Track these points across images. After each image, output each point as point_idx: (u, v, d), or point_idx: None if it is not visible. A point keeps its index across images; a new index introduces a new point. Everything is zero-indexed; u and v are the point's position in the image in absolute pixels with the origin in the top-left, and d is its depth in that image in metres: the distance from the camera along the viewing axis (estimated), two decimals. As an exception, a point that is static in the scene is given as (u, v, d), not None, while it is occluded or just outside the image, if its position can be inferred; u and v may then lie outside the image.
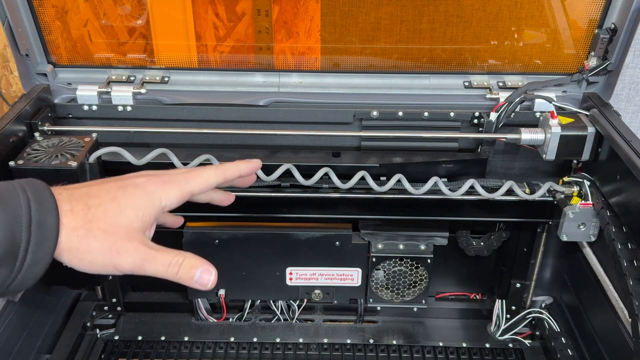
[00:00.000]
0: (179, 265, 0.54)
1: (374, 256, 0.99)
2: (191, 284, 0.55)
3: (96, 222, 0.51)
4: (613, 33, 0.91)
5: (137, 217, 0.54)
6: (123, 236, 0.52)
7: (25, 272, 0.49)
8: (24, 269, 0.49)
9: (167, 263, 0.54)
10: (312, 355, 1.04)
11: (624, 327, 0.83)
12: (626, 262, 0.77)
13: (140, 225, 0.54)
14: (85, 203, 0.52)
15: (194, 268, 0.55)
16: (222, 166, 0.63)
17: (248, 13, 0.95)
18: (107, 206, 0.52)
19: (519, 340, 1.07)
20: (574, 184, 0.90)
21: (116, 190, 0.54)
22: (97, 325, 1.07)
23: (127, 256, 0.52)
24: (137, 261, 0.53)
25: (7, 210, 0.48)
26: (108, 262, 0.52)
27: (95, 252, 0.51)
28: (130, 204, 0.54)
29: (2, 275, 0.48)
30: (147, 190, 0.55)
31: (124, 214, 0.53)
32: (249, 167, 0.65)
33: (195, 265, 0.55)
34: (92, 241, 0.51)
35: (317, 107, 0.96)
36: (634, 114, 1.31)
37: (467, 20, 0.93)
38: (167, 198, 0.56)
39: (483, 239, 1.03)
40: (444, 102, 0.97)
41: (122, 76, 0.98)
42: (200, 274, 0.55)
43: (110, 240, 0.52)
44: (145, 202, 0.55)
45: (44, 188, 0.51)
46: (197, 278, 0.55)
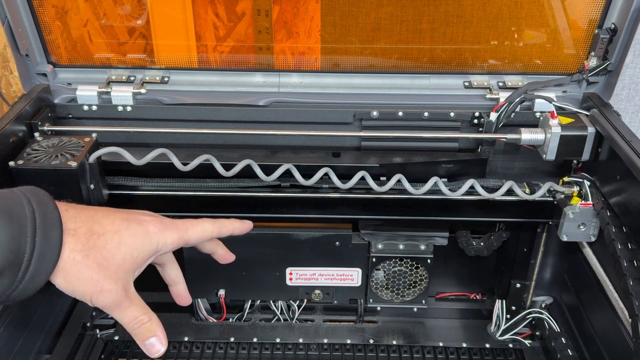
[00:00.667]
0: (141, 324, 0.56)
1: (374, 256, 0.99)
2: (140, 345, 0.58)
3: (95, 251, 0.52)
4: (613, 33, 0.91)
5: (132, 257, 0.55)
6: (112, 275, 0.53)
7: (27, 282, 0.49)
8: (26, 279, 0.49)
9: (133, 317, 0.56)
10: (312, 355, 1.04)
11: (624, 327, 0.83)
12: (626, 262, 0.77)
13: (131, 266, 0.55)
14: (89, 228, 0.53)
15: (150, 332, 0.57)
16: (219, 221, 0.65)
17: (248, 13, 0.95)
18: (109, 238, 0.53)
19: (519, 340, 1.07)
20: (574, 184, 0.90)
21: (120, 223, 0.55)
22: (97, 325, 1.07)
23: (106, 296, 0.53)
24: (111, 304, 0.54)
25: (14, 221, 0.48)
26: (87, 294, 0.53)
27: (82, 281, 0.52)
28: (130, 242, 0.55)
29: (4, 284, 0.48)
30: (148, 231, 0.56)
31: (120, 251, 0.54)
32: (242, 227, 0.68)
33: (153, 330, 0.57)
34: (84, 269, 0.52)
35: (317, 107, 0.96)
36: (634, 114, 1.31)
37: (467, 20, 0.93)
38: (164, 243, 0.58)
39: (483, 239, 1.03)
40: (444, 102, 0.97)
41: (122, 76, 0.98)
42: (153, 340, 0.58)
43: (100, 275, 0.52)
44: (143, 244, 0.56)
45: (48, 200, 0.51)
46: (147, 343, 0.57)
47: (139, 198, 0.92)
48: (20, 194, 0.51)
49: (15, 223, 0.48)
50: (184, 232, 0.60)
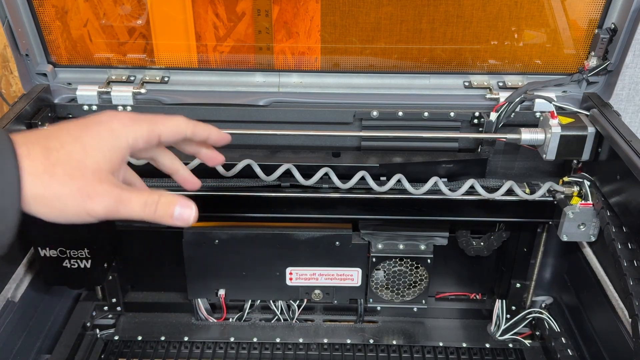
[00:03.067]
0: (155, 203, 0.50)
1: (374, 256, 0.99)
2: (171, 222, 0.51)
3: (60, 165, 0.47)
4: (613, 33, 0.91)
5: (104, 157, 0.49)
6: (92, 179, 0.48)
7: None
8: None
9: (142, 203, 0.50)
10: (312, 355, 1.04)
11: (624, 327, 0.83)
12: (626, 262, 0.77)
13: (108, 167, 0.50)
14: (43, 146, 0.47)
15: (172, 204, 0.51)
16: (194, 121, 0.60)
17: (248, 13, 0.95)
18: (70, 147, 0.48)
19: (519, 340, 1.07)
20: (574, 184, 0.90)
21: (78, 130, 0.49)
22: (97, 325, 1.07)
23: (99, 200, 0.48)
24: (111, 204, 0.49)
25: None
26: (80, 209, 0.48)
27: (64, 198, 0.47)
28: (96, 144, 0.49)
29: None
30: (112, 128, 0.51)
31: (89, 155, 0.48)
32: (220, 135, 0.63)
33: (172, 201, 0.51)
34: (58, 187, 0.47)
35: (317, 107, 0.96)
36: (634, 114, 1.31)
37: (467, 20, 0.93)
38: (134, 136, 0.52)
39: (483, 239, 1.03)
40: (444, 102, 0.97)
41: (122, 76, 0.98)
42: (179, 210, 0.51)
43: (79, 185, 0.47)
44: (111, 141, 0.50)
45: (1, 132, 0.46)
46: (177, 214, 0.51)
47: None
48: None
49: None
50: (154, 124, 0.54)
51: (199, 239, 0.99)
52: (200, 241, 0.99)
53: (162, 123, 0.55)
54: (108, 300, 1.08)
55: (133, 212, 0.50)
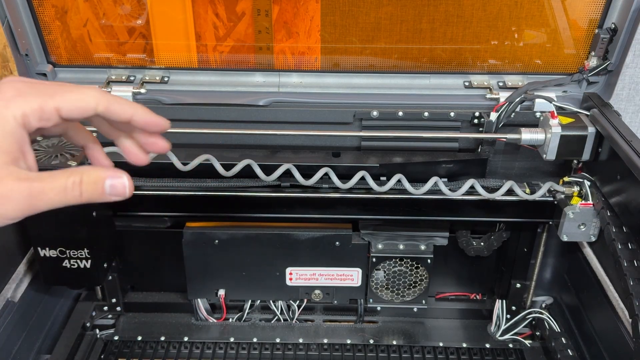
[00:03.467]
0: (78, 185, 0.43)
1: (374, 256, 0.99)
2: (105, 199, 0.44)
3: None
4: (613, 33, 0.91)
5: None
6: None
7: None
8: None
9: (61, 189, 0.42)
10: (312, 355, 1.04)
11: (624, 327, 0.83)
12: (626, 262, 0.77)
13: (4, 159, 0.41)
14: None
15: (99, 181, 0.44)
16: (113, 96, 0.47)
17: (248, 13, 0.95)
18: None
19: (519, 340, 1.07)
20: (574, 184, 0.90)
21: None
22: (96, 326, 1.07)
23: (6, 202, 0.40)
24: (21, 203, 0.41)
25: None
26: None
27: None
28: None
29: None
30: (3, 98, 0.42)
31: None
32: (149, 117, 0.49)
33: (99, 177, 0.44)
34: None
35: (317, 107, 0.96)
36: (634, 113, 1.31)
37: (467, 20, 0.93)
38: (22, 114, 0.42)
39: (483, 239, 1.03)
40: (444, 102, 0.97)
41: (122, 76, 0.98)
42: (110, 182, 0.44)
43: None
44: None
45: None
46: (109, 191, 0.44)
47: (139, 198, 0.92)
48: None
49: None
50: (50, 97, 0.43)
51: (199, 239, 0.99)
52: (200, 241, 0.99)
53: (60, 95, 0.44)
54: (108, 300, 1.08)
55: (52, 203, 0.42)
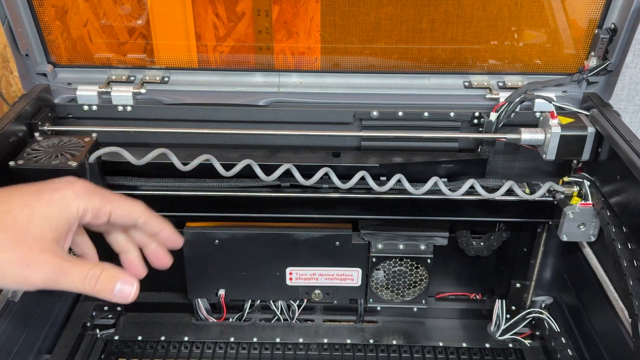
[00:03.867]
0: (96, 278, 0.50)
1: (374, 256, 0.99)
2: (110, 298, 0.51)
3: (4, 230, 0.47)
4: (613, 33, 0.91)
5: (50, 226, 0.49)
6: (34, 247, 0.47)
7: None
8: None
9: (83, 276, 0.49)
10: (312, 355, 1.04)
11: (624, 327, 0.83)
12: (626, 262, 0.77)
13: (53, 236, 0.49)
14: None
15: (112, 280, 0.51)
16: (151, 211, 0.58)
17: (248, 13, 0.95)
18: (17, 213, 0.48)
19: (519, 340, 1.07)
20: (574, 184, 0.90)
21: (29, 195, 0.49)
22: (97, 325, 1.07)
23: (38, 269, 0.47)
24: (49, 274, 0.48)
25: None
26: (18, 276, 0.47)
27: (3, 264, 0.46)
28: (44, 213, 0.49)
29: None
30: (64, 197, 0.50)
31: (35, 224, 0.48)
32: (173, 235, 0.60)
33: (114, 276, 0.51)
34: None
35: (317, 107, 0.96)
36: (634, 114, 1.31)
37: (467, 20, 0.93)
38: (84, 208, 0.51)
39: (483, 239, 1.03)
40: (444, 102, 0.97)
41: (122, 76, 0.98)
42: (120, 286, 0.51)
43: (19, 252, 0.47)
44: (59, 210, 0.50)
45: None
46: (116, 291, 0.51)
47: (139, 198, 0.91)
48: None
49: None
50: (109, 202, 0.53)
51: (199, 239, 0.99)
52: (200, 241, 0.99)
53: (117, 202, 0.54)
54: (108, 300, 1.08)
55: (72, 285, 0.49)
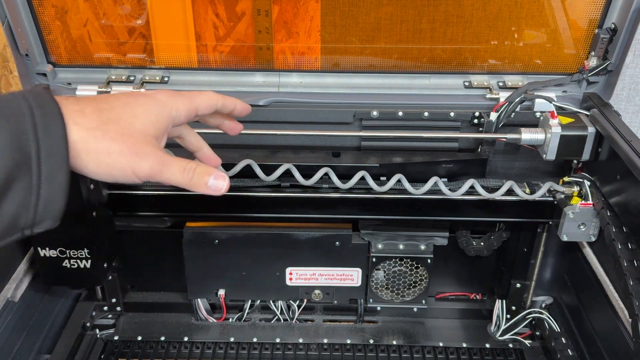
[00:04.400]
0: (192, 170, 0.54)
1: (374, 256, 0.99)
2: (204, 190, 0.55)
3: (112, 124, 0.50)
4: (613, 33, 0.91)
5: (151, 122, 0.53)
6: (141, 139, 0.51)
7: (46, 183, 0.46)
8: (43, 180, 0.46)
9: (182, 168, 0.53)
10: (312, 355, 1.04)
11: (624, 327, 0.83)
12: (626, 262, 0.77)
13: (154, 132, 0.53)
14: (95, 106, 0.50)
15: (206, 174, 0.55)
16: (223, 95, 0.64)
17: (248, 13, 0.95)
18: (120, 110, 0.51)
19: (519, 340, 1.07)
20: (574, 184, 0.90)
21: (127, 97, 0.53)
22: (97, 326, 1.07)
23: (147, 159, 0.51)
24: (155, 165, 0.51)
25: (10, 120, 0.45)
26: (127, 166, 0.50)
27: (115, 154, 0.49)
28: (144, 110, 0.53)
29: (21, 189, 0.45)
30: (157, 99, 0.55)
31: (138, 119, 0.52)
32: (243, 105, 0.67)
33: (208, 171, 0.55)
34: (110, 143, 0.49)
35: (317, 107, 0.96)
36: (634, 114, 1.31)
37: (467, 20, 0.93)
38: (177, 109, 0.56)
39: (483, 239, 1.03)
40: (444, 102, 0.97)
41: (122, 76, 0.98)
42: (213, 179, 0.55)
43: (129, 143, 0.50)
44: (157, 109, 0.54)
45: (45, 93, 0.48)
46: (210, 184, 0.55)
47: (139, 198, 0.92)
48: (18, 93, 0.48)
49: (12, 122, 0.45)
50: (192, 99, 0.59)
51: (199, 239, 0.99)
52: (200, 241, 0.99)
53: (198, 97, 0.59)
54: (108, 300, 1.08)
55: (173, 176, 0.53)
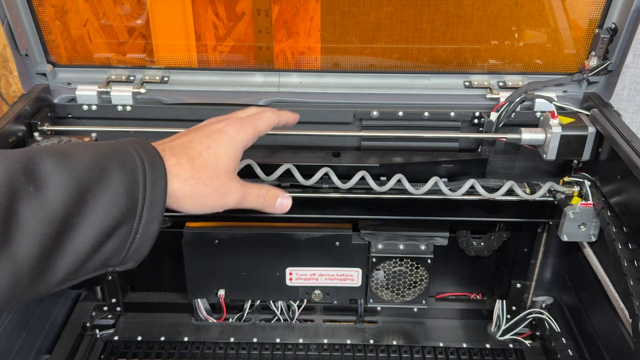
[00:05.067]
0: (264, 196, 0.66)
1: (374, 256, 0.99)
2: (272, 211, 0.67)
3: (202, 171, 0.59)
4: (613, 33, 0.91)
5: (230, 160, 0.62)
6: (225, 179, 0.61)
7: (142, 230, 0.53)
8: (141, 227, 0.53)
9: (257, 196, 0.65)
10: (312, 355, 1.04)
11: (624, 327, 0.83)
12: (627, 262, 0.77)
13: (233, 168, 0.63)
14: (187, 155, 0.59)
15: (274, 197, 0.67)
16: (277, 111, 0.72)
17: (248, 13, 0.95)
18: (206, 155, 0.60)
19: (520, 340, 1.06)
20: (575, 184, 0.90)
21: (207, 139, 0.62)
22: (96, 326, 1.07)
23: (231, 195, 0.61)
24: (238, 198, 0.62)
25: (128, 173, 0.52)
26: (217, 204, 0.61)
27: (207, 197, 0.60)
28: (223, 151, 0.62)
29: (124, 233, 0.52)
30: (230, 135, 0.63)
31: (220, 160, 0.61)
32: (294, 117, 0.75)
33: (275, 194, 0.67)
34: (203, 188, 0.59)
35: (317, 107, 0.96)
36: (634, 113, 1.31)
37: (467, 20, 0.93)
38: (245, 140, 0.65)
39: (483, 239, 1.03)
40: (444, 102, 0.97)
41: (122, 76, 0.98)
42: (280, 200, 0.67)
43: (217, 185, 0.60)
44: (232, 147, 0.63)
45: (154, 150, 0.56)
46: (277, 204, 0.67)
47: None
48: (130, 147, 0.55)
49: (129, 174, 0.53)
50: (256, 125, 0.67)
51: (199, 239, 0.98)
52: (200, 241, 0.99)
53: (260, 122, 0.68)
54: (108, 300, 1.08)
55: (250, 203, 0.64)
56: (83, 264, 0.51)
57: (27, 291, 0.47)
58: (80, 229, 0.49)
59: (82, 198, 0.49)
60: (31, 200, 0.46)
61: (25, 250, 0.46)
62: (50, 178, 0.48)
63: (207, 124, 0.66)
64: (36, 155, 0.49)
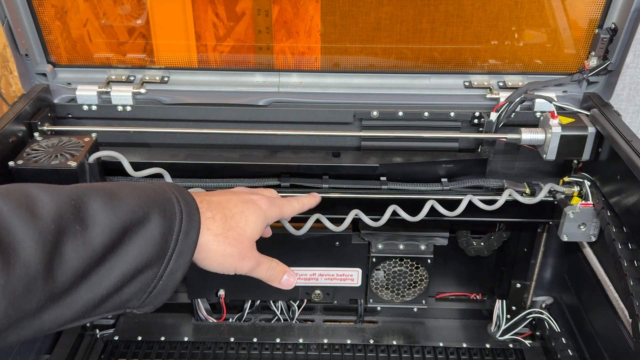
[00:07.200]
0: (274, 269, 0.68)
1: (374, 256, 0.99)
2: (278, 285, 0.69)
3: (232, 231, 0.62)
4: (613, 33, 0.91)
5: (256, 229, 0.65)
6: (248, 245, 0.64)
7: (166, 277, 0.54)
8: (166, 274, 0.54)
9: (267, 267, 0.67)
10: (312, 355, 1.04)
11: (624, 327, 0.83)
12: (626, 262, 0.77)
13: (256, 236, 0.66)
14: (222, 213, 0.62)
15: (282, 273, 0.69)
16: (301, 201, 0.77)
17: (248, 13, 0.95)
18: (239, 218, 0.64)
19: (519, 340, 1.06)
20: (575, 184, 0.90)
21: (242, 205, 0.65)
22: (96, 326, 1.07)
23: (247, 261, 0.64)
24: (253, 265, 0.65)
25: (167, 220, 0.54)
26: (233, 266, 0.63)
27: (228, 256, 0.62)
28: (253, 219, 0.65)
29: (148, 277, 0.53)
30: (262, 208, 0.67)
31: (249, 227, 0.64)
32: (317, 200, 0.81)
33: (283, 270, 0.69)
34: (227, 247, 0.61)
35: (317, 107, 0.96)
36: (634, 114, 1.31)
37: (467, 20, 0.93)
38: (272, 217, 0.69)
39: (483, 239, 1.03)
40: (444, 102, 0.97)
41: (122, 76, 0.98)
42: (286, 277, 0.69)
43: (240, 248, 0.63)
44: (261, 218, 0.66)
45: (193, 201, 0.58)
46: (283, 280, 0.69)
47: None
48: (170, 192, 0.57)
49: (167, 221, 0.54)
50: (282, 208, 0.71)
51: (199, 239, 0.98)
52: (200, 241, 0.98)
53: (287, 208, 0.73)
54: (108, 300, 1.08)
55: (260, 273, 0.67)
56: (103, 302, 0.52)
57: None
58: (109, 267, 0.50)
59: (120, 239, 0.51)
60: (76, 239, 0.48)
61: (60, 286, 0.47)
62: (97, 218, 0.50)
63: (240, 192, 0.70)
64: (85, 194, 0.51)
